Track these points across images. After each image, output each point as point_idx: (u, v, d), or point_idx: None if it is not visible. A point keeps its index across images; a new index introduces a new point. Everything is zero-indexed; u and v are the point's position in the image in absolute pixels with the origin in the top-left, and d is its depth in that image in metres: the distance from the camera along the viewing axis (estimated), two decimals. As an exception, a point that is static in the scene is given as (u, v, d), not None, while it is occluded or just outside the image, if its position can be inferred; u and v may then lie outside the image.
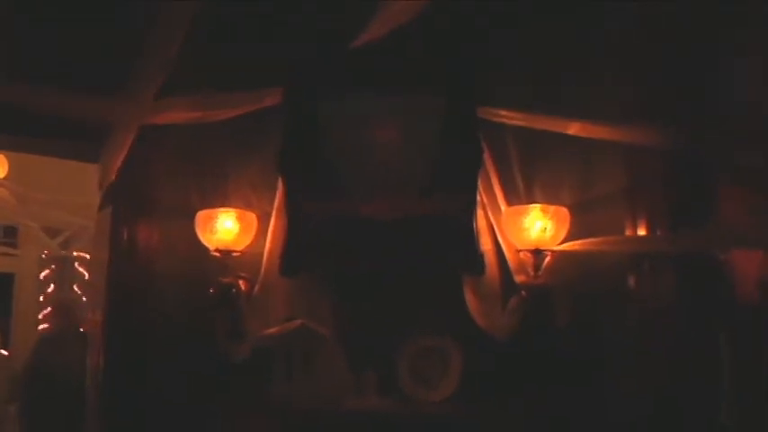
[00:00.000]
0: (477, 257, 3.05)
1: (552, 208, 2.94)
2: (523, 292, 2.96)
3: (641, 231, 3.02)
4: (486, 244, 3.09)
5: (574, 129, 3.04)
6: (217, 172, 3.32)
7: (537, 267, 2.96)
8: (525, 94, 3.16)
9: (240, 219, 3.14)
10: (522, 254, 3.03)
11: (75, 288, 8.79)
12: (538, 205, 2.95)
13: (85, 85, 2.85)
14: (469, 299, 3.07)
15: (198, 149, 3.34)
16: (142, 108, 2.85)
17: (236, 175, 3.31)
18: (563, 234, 2.96)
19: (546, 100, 3.12)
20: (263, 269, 3.19)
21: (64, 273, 8.88)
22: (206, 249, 3.18)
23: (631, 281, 3.02)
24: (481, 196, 3.10)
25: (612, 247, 2.99)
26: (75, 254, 8.80)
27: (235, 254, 3.16)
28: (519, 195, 3.14)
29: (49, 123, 3.14)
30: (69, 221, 8.42)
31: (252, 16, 3.16)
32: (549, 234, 2.91)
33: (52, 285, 8.76)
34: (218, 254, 3.13)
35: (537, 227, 2.91)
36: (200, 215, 3.15)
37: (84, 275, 8.79)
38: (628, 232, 3.04)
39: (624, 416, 2.92)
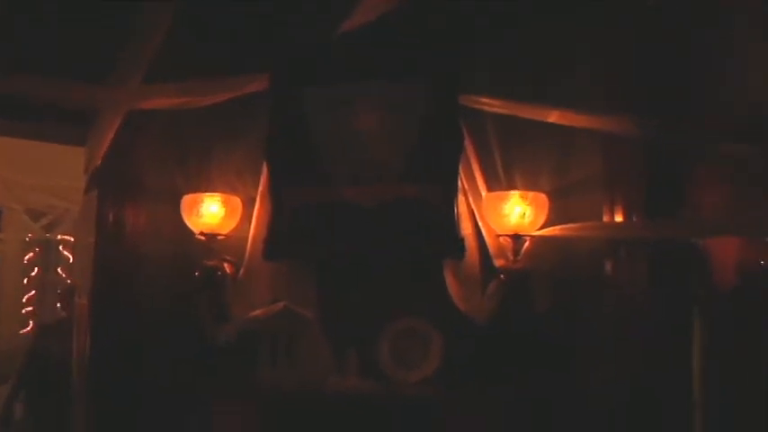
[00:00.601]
0: (458, 242, 3.10)
1: (531, 194, 2.99)
2: (502, 276, 3.01)
3: (618, 218, 3.07)
4: (466, 229, 3.14)
5: (554, 117, 3.08)
6: (202, 156, 3.34)
7: (516, 252, 3.02)
8: (505, 81, 3.20)
9: (225, 203, 3.18)
10: (501, 239, 3.08)
11: (60, 271, 8.80)
12: (517, 192, 3.00)
13: (73, 72, 2.86)
14: (450, 282, 3.12)
15: (183, 134, 3.36)
16: (129, 94, 2.87)
17: (221, 159, 3.35)
18: (542, 220, 3.01)
19: (526, 88, 3.17)
20: (247, 253, 3.23)
21: (48, 256, 8.88)
22: (191, 233, 3.21)
23: (608, 267, 3.08)
24: (462, 182, 3.14)
25: (590, 232, 3.04)
26: (59, 237, 8.80)
27: (220, 237, 3.20)
28: (499, 181, 3.17)
29: (34, 107, 3.16)
30: (53, 204, 8.41)
31: (238, 3, 3.18)
32: (527, 219, 2.96)
33: (36, 269, 8.76)
34: (203, 237, 3.16)
35: (516, 212, 2.96)
36: (186, 199, 3.18)
37: (68, 259, 8.81)
38: (605, 218, 3.09)
39: (603, 401, 2.99)
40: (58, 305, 4.97)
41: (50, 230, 8.81)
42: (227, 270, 3.21)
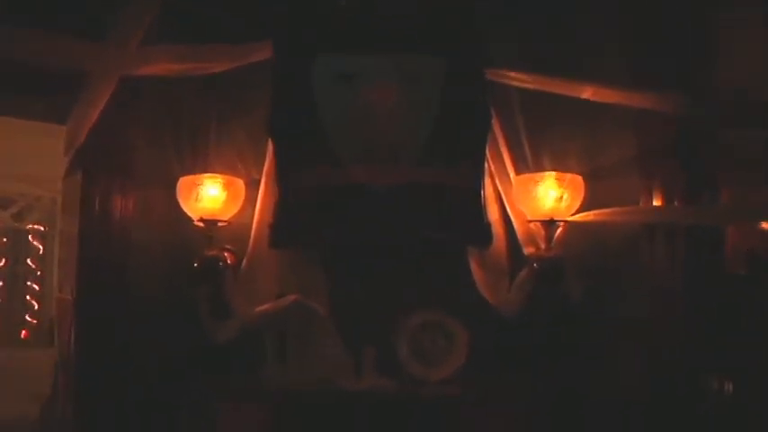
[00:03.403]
0: (484, 228, 2.76)
1: (568, 176, 2.66)
2: (535, 265, 2.68)
3: (656, 202, 2.77)
4: (493, 214, 2.80)
5: (588, 93, 2.76)
6: (201, 134, 2.91)
7: (549, 239, 2.68)
8: (533, 55, 2.86)
9: (227, 186, 2.77)
10: (532, 225, 2.74)
11: (29, 262, 8.27)
12: (553, 173, 2.67)
13: (66, 30, 2.42)
14: (475, 272, 2.79)
15: (180, 109, 2.93)
16: (124, 56, 2.44)
17: (221, 137, 2.92)
18: (577, 204, 2.69)
19: (554, 63, 2.84)
20: (251, 241, 2.83)
21: (17, 247, 8.35)
22: (188, 219, 2.80)
23: (645, 254, 2.77)
24: (488, 163, 2.79)
25: (626, 217, 2.74)
26: (29, 226, 8.27)
27: (220, 224, 2.80)
28: (526, 163, 2.84)
29: (10, 80, 2.71)
30: (23, 192, 7.88)
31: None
32: (564, 204, 2.64)
33: (4, 260, 8.23)
34: (201, 224, 2.76)
35: (551, 196, 2.63)
36: (183, 181, 2.77)
37: (39, 249, 8.28)
38: (642, 203, 2.78)
39: (633, 393, 2.72)
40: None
41: (20, 220, 8.29)
42: (229, 260, 2.81)
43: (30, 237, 8.43)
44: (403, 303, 2.78)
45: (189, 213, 2.78)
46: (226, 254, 2.82)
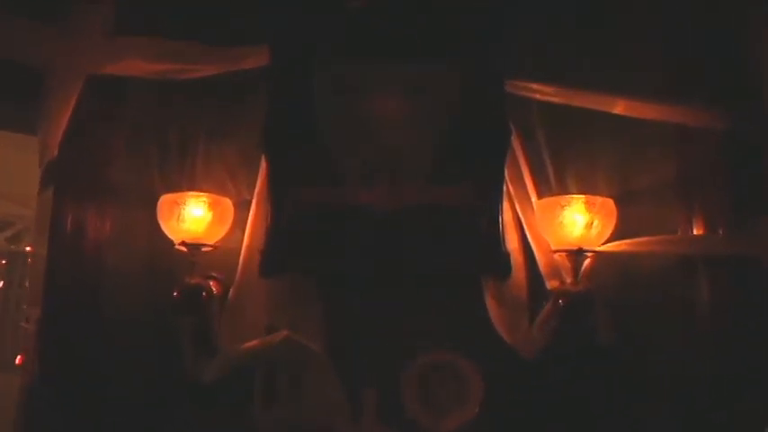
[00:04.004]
0: (502, 258, 2.41)
1: (599, 199, 2.32)
2: (561, 302, 2.32)
3: (697, 230, 2.42)
4: (511, 242, 2.45)
5: (620, 107, 2.44)
6: (186, 148, 2.60)
7: (576, 272, 2.33)
8: (555, 65, 2.55)
9: (213, 205, 2.44)
10: (556, 255, 2.39)
11: (27, 286, 7.95)
12: (582, 196, 2.33)
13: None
14: (491, 307, 2.43)
15: (163, 120, 2.62)
16: (87, 47, 2.11)
17: (209, 152, 2.60)
18: (609, 232, 2.35)
19: (580, 74, 2.52)
20: (239, 268, 2.49)
21: (14, 270, 8.04)
22: (169, 242, 2.46)
23: (684, 290, 2.42)
24: (507, 185, 2.46)
25: (665, 248, 2.39)
26: (27, 249, 7.96)
27: (205, 248, 2.46)
28: (549, 185, 2.51)
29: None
30: (20, 214, 7.59)
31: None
32: (594, 231, 2.29)
33: (1, 282, 7.91)
34: (183, 248, 2.43)
35: (580, 222, 2.28)
36: (164, 200, 2.44)
37: (37, 272, 7.96)
38: (681, 231, 2.44)
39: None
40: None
41: (16, 242, 7.99)
42: (214, 290, 2.47)
43: (28, 260, 8.12)
44: (409, 341, 2.43)
45: (170, 236, 2.44)
46: (211, 282, 2.48)
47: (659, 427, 2.40)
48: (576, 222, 2.28)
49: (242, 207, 2.54)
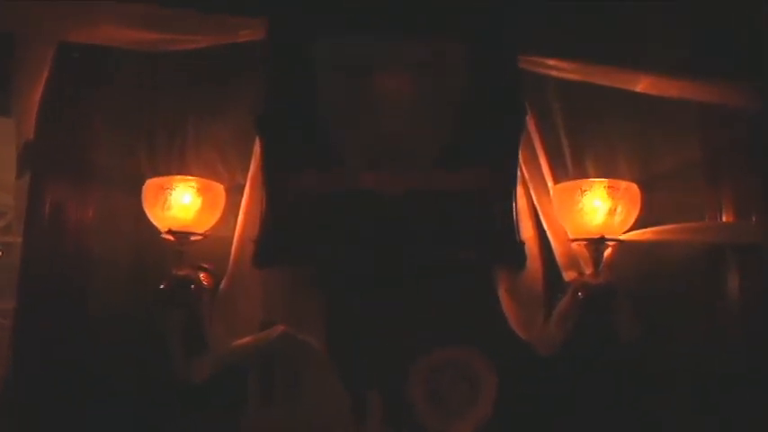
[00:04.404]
0: (516, 247, 2.21)
1: (623, 184, 2.12)
2: (580, 294, 2.12)
3: (727, 217, 2.22)
4: (526, 230, 2.24)
5: (643, 84, 2.23)
6: (174, 128, 2.37)
7: (596, 262, 2.13)
8: (572, 39, 2.33)
9: (203, 191, 2.22)
10: (575, 244, 2.19)
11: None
12: (604, 180, 2.12)
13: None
14: (505, 300, 2.23)
15: (150, 99, 2.40)
16: (59, 9, 1.88)
17: (199, 133, 2.38)
18: (632, 219, 2.14)
19: (599, 48, 2.31)
20: (231, 258, 2.27)
21: (9, 260, 7.81)
22: (156, 231, 2.24)
23: (712, 282, 2.22)
24: (521, 169, 2.25)
25: (693, 236, 2.19)
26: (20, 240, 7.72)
27: (194, 237, 2.24)
28: (565, 169, 2.30)
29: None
30: (12, 204, 7.35)
31: None
32: (618, 219, 2.08)
33: (-7, 274, 7.67)
34: (171, 237, 2.21)
35: (602, 209, 2.08)
36: (150, 185, 2.23)
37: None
38: (709, 217, 2.24)
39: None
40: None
41: (9, 232, 7.75)
42: (205, 282, 2.26)
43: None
44: (416, 337, 2.24)
45: (156, 224, 2.23)
46: (201, 274, 2.26)
47: (679, 423, 2.20)
48: (597, 209, 2.08)
49: (234, 192, 2.32)
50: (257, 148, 2.30)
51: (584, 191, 2.08)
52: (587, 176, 2.25)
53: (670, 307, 2.23)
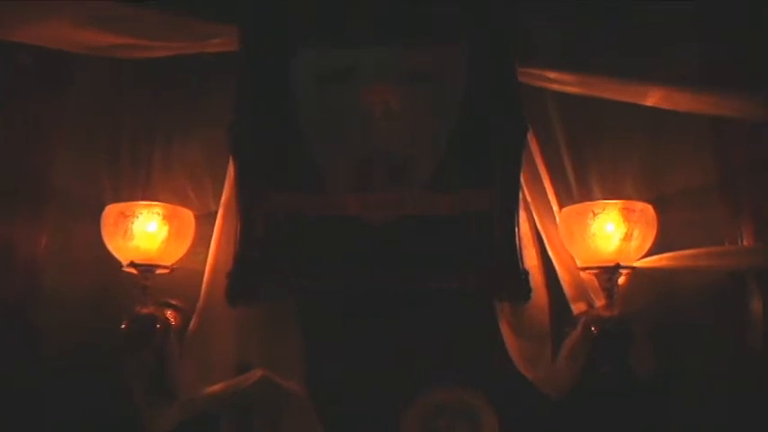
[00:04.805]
0: (519, 277, 1.97)
1: (638, 205, 1.89)
2: (594, 330, 1.88)
3: (747, 240, 2.01)
4: (530, 258, 2.01)
5: (654, 98, 2.02)
6: (140, 149, 2.13)
7: (610, 292, 1.89)
8: (574, 50, 2.12)
9: (170, 218, 1.97)
10: (584, 273, 1.96)
11: None
12: (618, 202, 1.89)
13: None
14: (507, 336, 1.99)
15: (112, 115, 2.15)
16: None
17: (167, 154, 2.14)
18: (649, 243, 1.92)
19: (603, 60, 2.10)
20: (202, 294, 2.01)
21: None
22: (118, 263, 1.97)
23: (732, 311, 2.00)
24: (523, 191, 2.02)
25: (712, 262, 1.96)
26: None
27: (160, 271, 1.98)
28: (569, 190, 2.08)
29: None
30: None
31: None
32: (635, 243, 1.85)
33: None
34: (133, 270, 1.94)
35: (616, 233, 1.85)
36: (109, 211, 1.97)
37: None
38: (728, 241, 2.02)
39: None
40: None
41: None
42: (172, 321, 2.00)
43: None
44: (410, 377, 2.01)
45: (116, 255, 1.96)
46: (167, 312, 2.00)
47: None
48: (611, 234, 1.85)
49: (206, 220, 2.08)
50: (231, 170, 2.05)
51: (597, 213, 1.86)
52: (592, 198, 2.03)
53: (688, 338, 2.00)
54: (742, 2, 2.14)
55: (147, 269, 1.93)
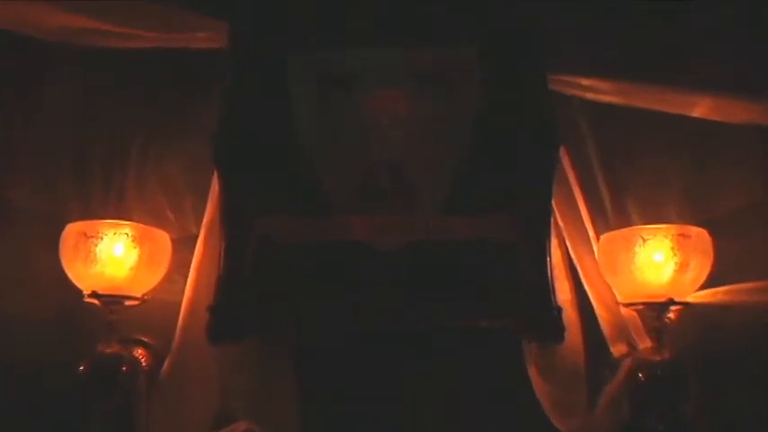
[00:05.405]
0: (552, 314, 1.65)
1: (693, 230, 1.59)
2: (641, 376, 1.56)
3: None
4: (562, 293, 1.70)
5: (702, 108, 1.74)
6: (113, 160, 1.83)
7: (659, 332, 1.58)
8: (610, 55, 1.83)
9: (141, 240, 1.65)
10: (624, 309, 1.64)
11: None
12: (671, 226, 1.59)
13: None
14: (537, 381, 1.68)
15: (80, 126, 1.85)
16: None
17: (143, 167, 1.83)
18: (705, 275, 1.61)
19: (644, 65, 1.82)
20: (178, 330, 1.69)
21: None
22: (79, 293, 1.65)
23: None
24: (555, 216, 1.72)
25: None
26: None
27: (130, 302, 1.65)
28: (604, 214, 1.78)
29: None
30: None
31: None
32: (690, 275, 1.55)
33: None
34: (95, 301, 1.61)
35: (670, 264, 1.54)
36: (69, 231, 1.66)
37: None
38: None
39: None
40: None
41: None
42: (142, 362, 1.68)
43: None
44: (422, 428, 1.69)
45: (76, 283, 1.64)
46: (137, 350, 1.67)
47: None
48: (662, 264, 1.54)
49: (185, 244, 1.77)
50: (215, 186, 1.74)
51: (646, 240, 1.55)
52: (631, 223, 1.74)
53: (741, 382, 1.68)
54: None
55: (112, 300, 1.61)
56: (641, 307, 1.61)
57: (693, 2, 1.83)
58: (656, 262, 1.55)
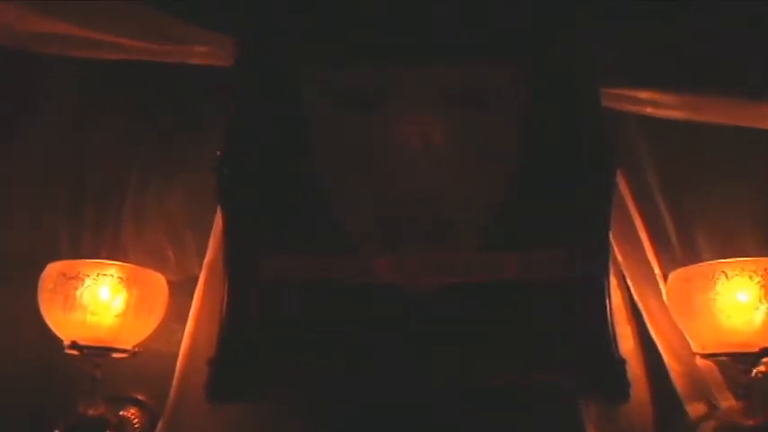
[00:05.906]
0: (614, 367, 1.38)
1: (785, 264, 1.31)
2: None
3: None
4: (624, 341, 1.43)
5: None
6: (107, 195, 1.63)
7: (747, 388, 1.30)
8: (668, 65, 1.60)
9: (130, 283, 1.42)
10: (701, 361, 1.36)
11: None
12: (761, 260, 1.32)
13: None
14: (597, 450, 1.39)
15: (73, 156, 1.65)
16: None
17: (141, 202, 1.63)
18: (797, 319, 1.32)
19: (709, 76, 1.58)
20: (174, 386, 1.45)
21: None
22: (59, 342, 1.42)
23: None
24: (614, 252, 1.46)
25: None
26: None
27: (117, 355, 1.41)
28: (669, 248, 1.51)
29: None
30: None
31: None
32: (785, 321, 1.27)
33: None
34: (75, 352, 1.38)
35: (762, 306, 1.26)
36: (49, 272, 1.43)
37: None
38: None
39: None
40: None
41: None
42: (134, 423, 1.44)
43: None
44: None
45: (56, 331, 1.41)
46: (128, 411, 1.43)
47: None
48: (749, 304, 1.26)
49: (185, 288, 1.53)
50: (218, 224, 1.51)
51: (730, 278, 1.28)
52: (701, 258, 1.47)
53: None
54: None
55: (95, 353, 1.37)
56: (724, 358, 1.33)
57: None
58: (743, 303, 1.27)
